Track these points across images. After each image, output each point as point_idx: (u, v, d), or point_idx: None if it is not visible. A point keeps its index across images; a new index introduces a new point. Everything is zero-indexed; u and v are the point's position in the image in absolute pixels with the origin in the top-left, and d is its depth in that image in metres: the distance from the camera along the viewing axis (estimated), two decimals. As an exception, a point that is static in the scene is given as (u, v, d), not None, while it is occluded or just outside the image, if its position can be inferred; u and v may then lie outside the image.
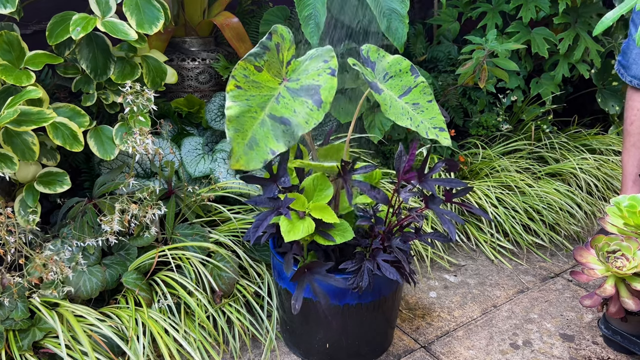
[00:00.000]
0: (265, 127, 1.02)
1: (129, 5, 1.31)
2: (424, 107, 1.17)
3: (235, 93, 1.03)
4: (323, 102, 1.03)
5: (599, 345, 1.45)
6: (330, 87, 1.05)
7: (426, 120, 1.14)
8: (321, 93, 1.04)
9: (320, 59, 1.10)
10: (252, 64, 1.07)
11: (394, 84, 1.19)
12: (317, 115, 1.03)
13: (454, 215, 1.22)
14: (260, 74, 1.08)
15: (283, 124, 1.02)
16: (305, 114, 1.03)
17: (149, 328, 1.21)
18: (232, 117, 1.01)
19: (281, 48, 1.12)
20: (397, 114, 1.12)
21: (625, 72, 1.70)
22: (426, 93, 1.19)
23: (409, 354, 1.41)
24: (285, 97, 1.06)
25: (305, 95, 1.05)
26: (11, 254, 1.20)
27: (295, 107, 1.04)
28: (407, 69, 1.20)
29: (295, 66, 1.13)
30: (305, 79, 1.08)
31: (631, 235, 1.31)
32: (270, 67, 1.10)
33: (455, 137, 2.31)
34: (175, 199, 1.49)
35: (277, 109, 1.04)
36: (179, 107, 1.85)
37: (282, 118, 1.02)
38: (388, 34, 1.63)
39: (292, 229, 1.15)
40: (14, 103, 1.17)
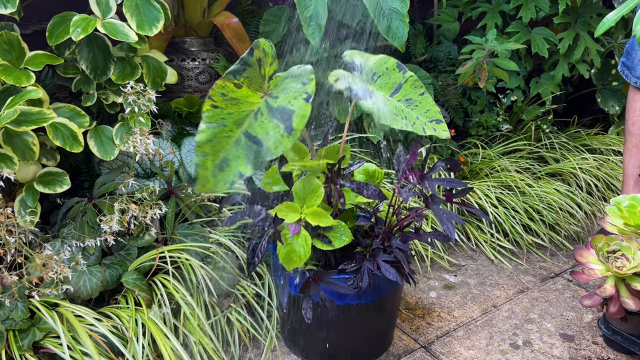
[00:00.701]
0: (239, 147, 0.99)
1: (129, 6, 1.31)
2: (417, 102, 1.13)
3: (211, 113, 1.00)
4: (294, 130, 1.00)
5: (599, 345, 1.45)
6: (303, 115, 1.01)
7: (421, 115, 1.11)
8: (293, 119, 1.01)
9: (299, 81, 1.07)
10: (231, 81, 1.05)
11: (384, 83, 1.16)
12: (287, 143, 0.99)
13: (454, 215, 1.22)
14: (239, 91, 1.05)
15: (256, 144, 0.99)
16: (275, 139, 1.00)
17: (148, 329, 1.21)
18: (202, 142, 0.97)
19: (263, 63, 1.10)
20: (392, 116, 1.09)
21: (630, 73, 1.69)
22: (417, 87, 1.15)
23: (409, 354, 1.41)
24: (263, 114, 1.03)
25: (279, 118, 1.02)
26: (11, 254, 1.20)
27: (268, 129, 1.01)
28: (394, 66, 1.17)
29: (277, 81, 1.10)
30: (283, 99, 1.05)
31: (631, 235, 1.31)
32: (251, 83, 1.06)
33: (455, 137, 2.31)
34: (175, 199, 1.49)
35: (254, 126, 1.01)
36: (179, 107, 1.85)
37: (256, 138, 0.99)
38: (387, 34, 1.62)
39: (290, 257, 1.16)
40: (14, 103, 1.17)
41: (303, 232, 1.18)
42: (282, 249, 1.17)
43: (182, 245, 1.40)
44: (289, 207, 1.20)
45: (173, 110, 1.84)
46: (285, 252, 1.17)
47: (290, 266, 1.17)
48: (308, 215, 1.19)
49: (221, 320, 1.35)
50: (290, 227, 1.17)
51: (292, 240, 1.17)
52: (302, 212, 1.20)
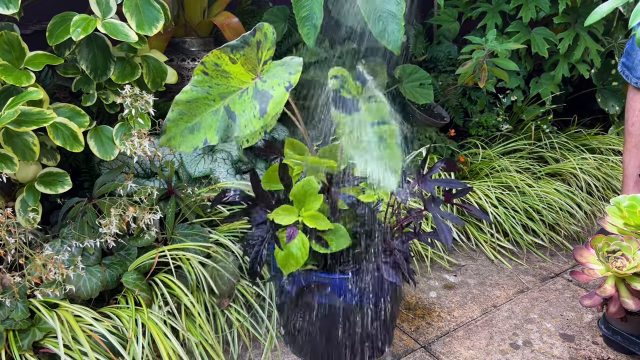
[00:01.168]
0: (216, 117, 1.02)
1: (128, 6, 1.31)
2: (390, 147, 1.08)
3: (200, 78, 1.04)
4: (266, 114, 1.02)
5: (599, 345, 1.45)
6: (279, 102, 1.03)
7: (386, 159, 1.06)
8: (269, 104, 1.03)
9: (288, 70, 1.09)
10: (228, 54, 1.07)
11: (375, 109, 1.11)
12: (256, 124, 1.02)
13: (453, 216, 1.22)
14: (233, 66, 1.08)
15: (231, 119, 1.02)
16: (248, 117, 1.02)
17: (148, 329, 1.21)
18: (181, 101, 1.01)
19: (262, 46, 1.11)
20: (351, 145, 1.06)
21: (631, 74, 1.69)
22: (395, 136, 1.09)
23: (409, 354, 1.41)
24: (248, 94, 1.06)
25: (259, 100, 1.05)
26: (11, 254, 1.20)
27: (246, 108, 1.03)
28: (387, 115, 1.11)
29: (269, 67, 1.12)
30: (269, 83, 1.07)
31: (631, 235, 1.31)
32: (246, 61, 1.09)
33: (455, 137, 2.31)
34: (175, 199, 1.49)
35: (235, 103, 1.04)
36: (179, 107, 1.85)
37: (233, 113, 1.02)
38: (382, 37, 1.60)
39: (288, 261, 1.16)
40: (15, 104, 1.17)
41: (300, 235, 1.17)
42: (280, 253, 1.17)
43: (182, 245, 1.40)
44: (286, 210, 1.19)
45: (173, 110, 1.83)
46: (282, 256, 1.17)
47: (288, 270, 1.16)
48: (306, 218, 1.18)
49: (221, 320, 1.35)
50: (287, 230, 1.17)
51: (289, 244, 1.17)
52: (300, 215, 1.20)
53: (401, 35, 1.62)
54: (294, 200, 1.21)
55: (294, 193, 1.20)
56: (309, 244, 1.17)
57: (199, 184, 1.68)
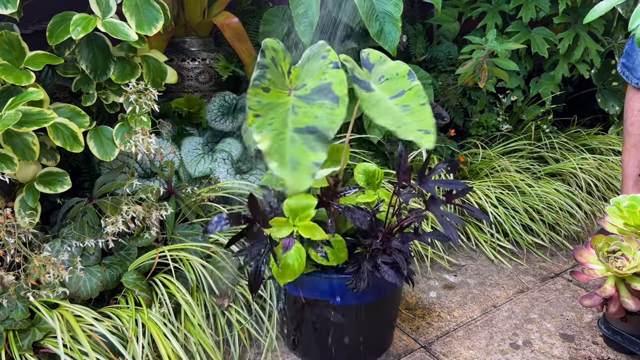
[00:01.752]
0: (296, 143, 0.97)
1: (128, 6, 1.31)
2: (415, 110, 1.13)
3: (258, 123, 0.99)
4: (340, 97, 1.01)
5: (599, 345, 1.45)
6: (341, 81, 1.02)
7: (413, 122, 1.09)
8: (334, 90, 1.02)
9: (319, 57, 1.08)
10: (259, 87, 1.05)
11: (388, 87, 1.15)
12: (340, 111, 1.00)
13: (454, 216, 1.22)
14: (268, 95, 1.05)
15: (311, 133, 0.98)
16: (327, 115, 1.00)
17: (148, 329, 1.21)
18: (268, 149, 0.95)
19: (277, 60, 1.10)
20: (380, 113, 1.08)
21: (631, 74, 1.69)
22: (420, 96, 1.14)
23: (409, 354, 1.41)
24: (300, 107, 1.03)
25: (320, 96, 1.03)
26: (10, 254, 1.20)
27: (315, 113, 1.01)
28: (404, 73, 1.17)
29: (297, 73, 1.11)
30: (312, 81, 1.06)
31: (631, 235, 1.31)
32: (275, 84, 1.07)
33: (455, 137, 2.31)
34: (175, 199, 1.49)
35: (297, 120, 1.00)
36: (179, 107, 1.85)
37: (307, 127, 0.98)
38: (379, 37, 1.60)
39: (284, 272, 1.16)
40: (15, 104, 1.17)
41: (297, 245, 1.17)
42: (276, 269, 1.16)
43: (182, 245, 1.40)
44: (279, 222, 1.19)
45: (173, 110, 1.84)
46: (278, 271, 1.16)
47: (284, 280, 1.16)
48: (300, 229, 1.18)
49: (221, 320, 1.35)
50: (284, 242, 1.17)
51: (286, 254, 1.16)
52: (295, 225, 1.19)
53: (398, 37, 1.62)
54: (288, 211, 1.20)
55: (286, 205, 1.20)
56: (305, 253, 1.17)
57: (199, 184, 1.68)
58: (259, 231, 1.16)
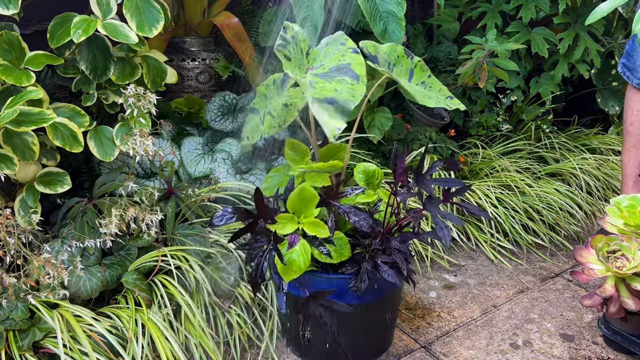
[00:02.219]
0: (320, 107, 1.00)
1: (129, 7, 1.31)
2: (429, 83, 1.24)
3: (287, 64, 1.06)
4: (360, 76, 1.05)
5: (599, 345, 1.45)
6: (360, 63, 1.06)
7: (438, 95, 1.22)
8: (354, 69, 1.06)
9: (337, 43, 1.13)
10: (283, 53, 1.09)
11: (400, 71, 1.23)
12: (360, 88, 1.03)
13: (452, 216, 1.22)
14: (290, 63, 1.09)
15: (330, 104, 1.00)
16: (347, 89, 1.03)
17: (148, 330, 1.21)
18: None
19: (298, 40, 1.14)
20: (422, 97, 1.18)
21: (632, 75, 1.69)
22: (424, 70, 1.25)
23: (409, 354, 1.41)
24: (318, 82, 1.06)
25: (340, 74, 1.06)
26: (10, 255, 1.20)
27: (335, 87, 1.04)
28: (402, 53, 1.24)
29: (315, 54, 1.15)
30: (330, 62, 1.10)
31: (631, 235, 1.31)
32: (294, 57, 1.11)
33: (455, 137, 2.31)
34: (175, 199, 1.49)
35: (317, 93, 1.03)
36: (179, 107, 1.85)
37: (326, 98, 1.01)
38: (383, 37, 1.62)
39: (289, 267, 1.16)
40: (14, 103, 1.17)
41: (302, 242, 1.17)
42: (281, 266, 1.16)
43: (182, 247, 1.40)
44: (286, 218, 1.19)
45: (173, 110, 1.84)
46: (283, 268, 1.16)
47: (289, 277, 1.16)
48: (305, 225, 1.18)
49: (221, 321, 1.35)
50: (289, 238, 1.17)
51: (291, 250, 1.16)
52: (300, 222, 1.19)
53: (402, 35, 1.63)
54: (292, 209, 1.20)
55: (290, 200, 1.20)
56: (310, 250, 1.17)
57: (199, 184, 1.68)
58: (263, 227, 1.16)
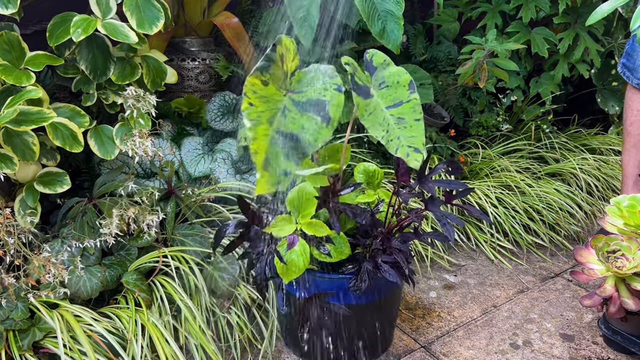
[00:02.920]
0: (275, 145, 0.98)
1: (129, 5, 1.31)
2: (409, 124, 1.12)
3: (250, 111, 0.98)
4: (332, 119, 1.01)
5: (599, 345, 1.45)
6: (338, 104, 1.02)
7: (404, 137, 1.10)
8: (329, 110, 1.01)
9: (325, 75, 1.08)
10: (259, 78, 1.04)
11: (386, 94, 1.15)
12: (326, 133, 0.99)
13: (453, 217, 1.22)
14: (266, 88, 1.04)
15: (292, 141, 0.99)
16: (313, 130, 1.00)
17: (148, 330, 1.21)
18: (251, 140, 0.96)
19: (285, 59, 1.10)
20: (374, 123, 1.08)
21: (632, 75, 1.69)
22: (416, 111, 1.14)
23: (409, 354, 1.41)
24: (291, 111, 1.03)
25: (313, 110, 1.02)
26: (10, 254, 1.20)
27: (303, 123, 1.01)
28: (405, 82, 1.16)
29: (299, 77, 1.10)
30: (311, 92, 1.06)
31: (631, 235, 1.31)
32: (274, 79, 1.07)
33: (455, 137, 2.31)
34: (175, 199, 1.49)
35: (284, 124, 1.00)
36: (179, 107, 1.85)
37: (291, 134, 0.99)
38: (382, 36, 1.61)
39: (289, 268, 1.15)
40: (14, 103, 1.17)
41: (301, 242, 1.17)
42: (280, 266, 1.16)
43: (182, 247, 1.40)
44: (283, 220, 1.19)
45: (173, 110, 1.84)
46: (282, 265, 1.16)
47: (288, 278, 1.15)
48: (304, 226, 1.18)
49: (221, 322, 1.35)
50: (289, 238, 1.16)
51: (290, 251, 1.16)
52: (298, 223, 1.19)
53: (400, 35, 1.63)
54: (291, 209, 1.20)
55: (289, 200, 1.19)
56: (309, 250, 1.17)
57: (199, 184, 1.68)
58: (257, 233, 1.16)
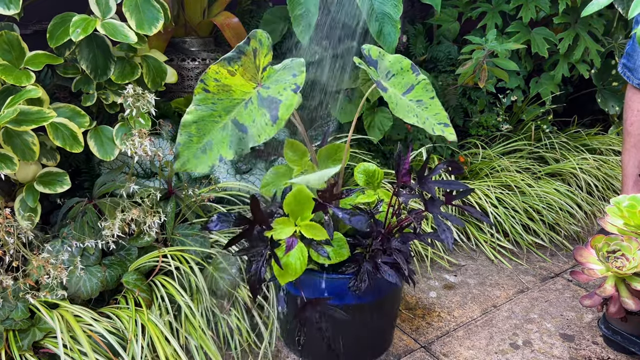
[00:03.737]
0: (225, 132, 1.02)
1: (128, 6, 1.31)
2: (428, 104, 1.18)
3: (202, 97, 1.04)
4: (279, 119, 1.03)
5: (599, 345, 1.45)
6: (289, 105, 1.04)
7: (431, 117, 1.16)
8: (280, 108, 1.03)
9: (291, 72, 1.09)
10: (225, 68, 1.07)
11: (397, 82, 1.20)
12: (270, 131, 1.02)
13: (453, 217, 1.22)
14: (232, 78, 1.07)
15: (241, 132, 1.02)
16: (260, 126, 1.02)
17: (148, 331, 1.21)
18: (187, 123, 1.01)
19: (258, 53, 1.11)
20: (404, 112, 1.13)
21: (632, 75, 1.69)
22: (428, 90, 1.20)
23: (409, 354, 1.41)
24: (253, 104, 1.06)
25: (267, 107, 1.05)
26: (10, 254, 1.19)
27: (255, 118, 1.03)
28: (408, 67, 1.21)
29: (270, 73, 1.12)
30: (274, 89, 1.07)
31: (631, 235, 1.31)
32: (245, 71, 1.09)
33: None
34: (175, 199, 1.49)
35: (242, 114, 1.04)
36: (179, 107, 1.85)
37: (242, 125, 1.02)
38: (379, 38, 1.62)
39: (285, 271, 1.15)
40: (14, 102, 1.17)
41: (299, 245, 1.17)
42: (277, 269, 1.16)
43: (182, 247, 1.40)
44: (282, 222, 1.19)
45: (173, 110, 1.83)
46: (279, 270, 1.16)
47: (285, 280, 1.15)
48: (302, 228, 1.18)
49: (222, 322, 1.35)
50: (287, 241, 1.17)
51: (288, 254, 1.16)
52: (297, 225, 1.19)
53: (396, 37, 1.64)
54: (289, 211, 1.20)
55: (287, 203, 1.19)
56: (307, 253, 1.17)
57: (199, 184, 1.68)
58: (259, 233, 1.16)
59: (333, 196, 1.19)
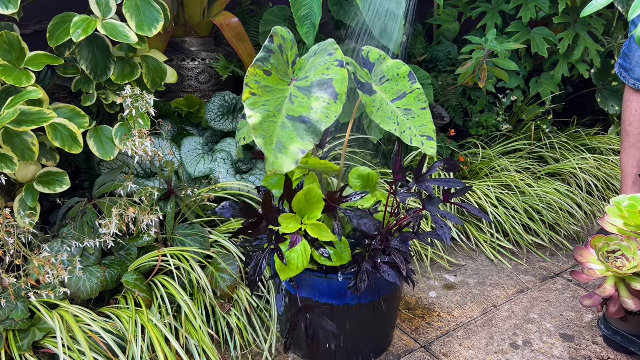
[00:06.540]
0: (286, 129, 1.01)
1: (128, 7, 1.31)
2: (417, 114, 1.17)
3: (252, 100, 1.03)
4: (339, 94, 1.04)
5: (599, 345, 1.45)
6: (342, 79, 1.05)
7: (415, 127, 1.14)
8: (335, 86, 1.04)
9: (325, 53, 1.10)
10: (261, 69, 1.07)
11: (389, 88, 1.18)
12: (336, 108, 1.03)
13: (452, 216, 1.22)
14: (269, 78, 1.08)
15: (304, 123, 1.02)
16: (323, 108, 1.03)
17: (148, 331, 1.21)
18: (256, 125, 1.00)
19: (284, 49, 1.12)
20: (384, 118, 1.12)
21: (628, 75, 1.69)
22: (420, 100, 1.18)
23: (409, 354, 1.41)
24: (298, 97, 1.06)
25: (319, 90, 1.05)
26: (10, 254, 1.20)
27: (311, 104, 1.04)
28: (405, 74, 1.19)
29: (301, 64, 1.13)
30: (314, 75, 1.08)
31: (631, 235, 1.31)
32: (277, 70, 1.09)
33: (455, 137, 2.31)
34: (175, 199, 1.49)
35: (293, 109, 1.04)
36: (179, 107, 1.85)
37: (301, 117, 1.02)
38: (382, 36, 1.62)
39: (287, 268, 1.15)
40: (14, 103, 1.17)
41: (303, 242, 1.17)
42: (279, 263, 1.16)
43: (182, 247, 1.40)
44: (290, 217, 1.19)
45: (173, 110, 1.84)
46: (280, 264, 1.16)
47: (285, 276, 1.15)
48: (308, 227, 1.18)
49: (221, 322, 1.35)
50: (292, 237, 1.17)
51: (291, 250, 1.16)
52: (304, 223, 1.19)
53: (400, 36, 1.63)
54: (296, 209, 1.20)
55: (296, 202, 1.19)
56: (310, 252, 1.17)
57: (199, 184, 1.68)
58: (266, 227, 1.16)
59: (341, 198, 1.20)
